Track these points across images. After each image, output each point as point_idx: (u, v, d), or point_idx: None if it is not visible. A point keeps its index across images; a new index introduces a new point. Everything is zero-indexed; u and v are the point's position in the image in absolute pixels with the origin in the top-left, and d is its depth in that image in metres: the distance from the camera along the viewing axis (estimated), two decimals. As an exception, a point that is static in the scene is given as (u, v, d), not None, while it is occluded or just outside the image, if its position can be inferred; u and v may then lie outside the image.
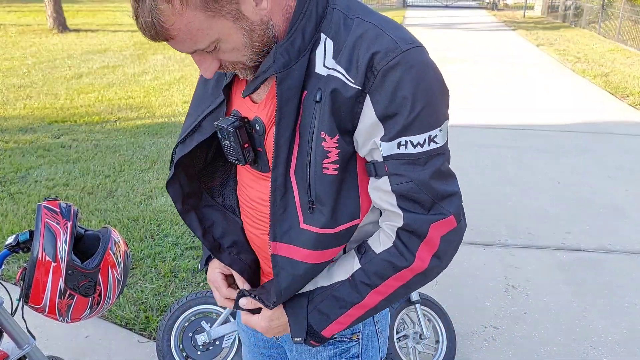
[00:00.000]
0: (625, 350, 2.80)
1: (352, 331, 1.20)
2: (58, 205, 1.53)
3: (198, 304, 2.46)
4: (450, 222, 0.99)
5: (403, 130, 0.94)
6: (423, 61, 0.94)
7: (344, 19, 0.97)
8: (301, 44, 0.96)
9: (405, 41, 0.94)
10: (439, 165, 0.97)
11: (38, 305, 1.48)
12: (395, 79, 0.92)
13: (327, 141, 0.96)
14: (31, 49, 11.52)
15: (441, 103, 0.97)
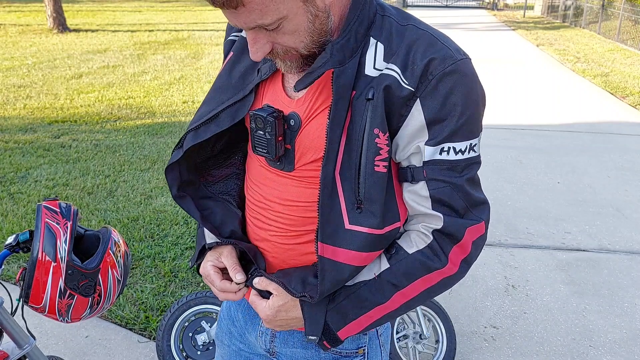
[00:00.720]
0: (625, 349, 2.80)
1: (358, 345, 1.19)
2: (58, 205, 1.53)
3: (198, 304, 2.46)
4: (481, 228, 1.03)
5: (449, 136, 0.97)
6: (473, 72, 1.00)
7: (396, 25, 1.01)
8: (355, 44, 0.99)
9: (459, 52, 0.99)
10: (474, 173, 1.01)
11: (38, 305, 1.49)
12: (449, 86, 0.96)
13: (380, 137, 0.97)
14: (31, 49, 11.52)
15: (482, 114, 1.03)
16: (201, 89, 8.28)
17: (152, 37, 13.74)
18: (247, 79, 1.09)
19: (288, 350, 1.21)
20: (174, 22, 17.26)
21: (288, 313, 1.09)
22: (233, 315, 1.33)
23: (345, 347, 1.18)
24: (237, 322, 1.31)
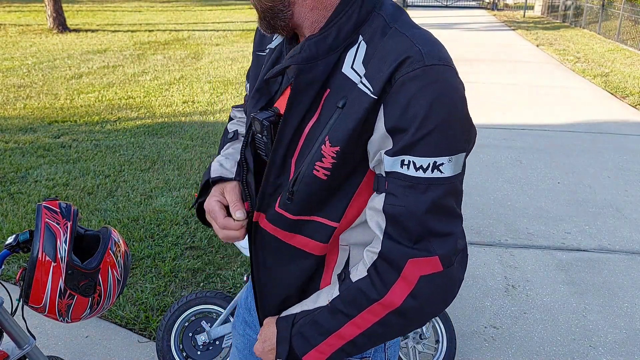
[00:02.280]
0: (625, 349, 2.80)
1: (362, 356, 1.15)
2: (58, 205, 1.53)
3: (198, 304, 2.46)
4: (433, 263, 0.91)
5: (407, 148, 0.89)
6: (447, 81, 0.90)
7: (383, 26, 0.95)
8: (334, 42, 0.95)
9: (432, 56, 0.90)
10: (439, 197, 0.90)
11: (38, 305, 1.49)
12: (411, 92, 0.88)
13: (326, 146, 0.95)
14: (31, 49, 11.52)
15: (458, 132, 0.91)
16: (201, 89, 8.28)
17: (152, 37, 13.74)
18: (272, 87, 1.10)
19: None
20: (174, 22, 17.26)
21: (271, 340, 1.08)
22: (250, 305, 1.33)
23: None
24: (253, 312, 1.31)
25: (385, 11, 0.97)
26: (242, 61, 10.76)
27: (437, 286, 0.93)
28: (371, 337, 0.98)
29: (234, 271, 3.37)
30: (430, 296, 0.93)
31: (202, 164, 5.18)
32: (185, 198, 4.40)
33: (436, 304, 0.95)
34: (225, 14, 20.45)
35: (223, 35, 14.34)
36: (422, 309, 0.94)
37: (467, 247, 0.99)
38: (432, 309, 0.95)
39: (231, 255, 3.56)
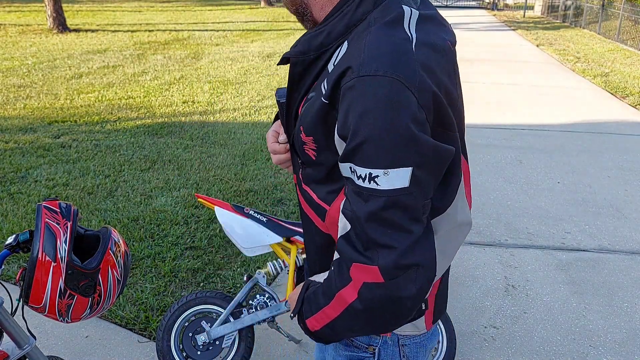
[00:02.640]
0: (625, 349, 2.80)
1: (369, 342, 1.17)
2: (58, 205, 1.53)
3: (198, 304, 2.46)
4: (373, 272, 0.91)
5: (349, 156, 0.91)
6: (378, 93, 0.87)
7: (366, 26, 0.96)
8: (324, 41, 1.00)
9: (368, 67, 0.88)
10: (378, 208, 0.90)
11: (38, 305, 1.49)
12: (347, 102, 0.90)
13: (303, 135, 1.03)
14: (31, 49, 11.52)
15: (391, 145, 0.88)
16: (201, 89, 8.28)
17: (152, 37, 13.74)
18: None
19: None
20: (174, 22, 17.26)
21: (296, 294, 1.18)
22: None
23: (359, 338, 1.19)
24: None
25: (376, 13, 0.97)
26: (242, 61, 10.76)
27: (377, 296, 0.93)
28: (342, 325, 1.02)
29: (234, 271, 3.37)
30: (373, 304, 0.94)
31: (202, 163, 5.19)
32: (185, 198, 4.40)
33: (381, 315, 0.95)
34: (225, 14, 20.46)
35: (223, 35, 14.34)
36: (370, 315, 0.96)
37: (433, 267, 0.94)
38: (380, 319, 0.96)
39: (231, 255, 3.56)
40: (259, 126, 6.49)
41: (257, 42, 13.39)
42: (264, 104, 7.56)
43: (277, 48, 12.51)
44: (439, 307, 1.21)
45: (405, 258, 0.91)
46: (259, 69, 10.05)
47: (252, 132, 6.24)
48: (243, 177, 4.87)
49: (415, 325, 1.16)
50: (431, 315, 1.18)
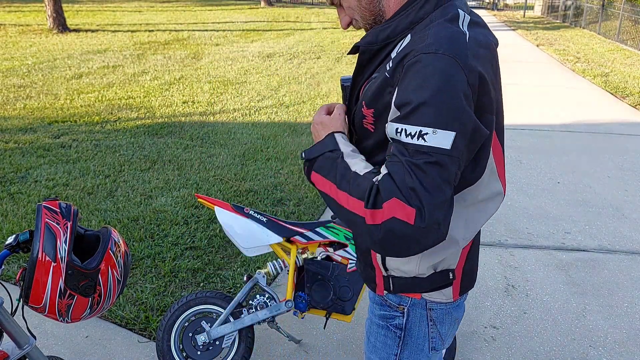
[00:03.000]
0: (625, 349, 2.80)
1: (399, 302, 1.35)
2: (58, 205, 1.53)
3: (198, 304, 2.46)
4: (409, 213, 1.03)
5: (403, 117, 1.08)
6: (438, 67, 1.06)
7: (428, 23, 1.16)
8: (390, 34, 1.21)
9: (431, 46, 1.08)
10: (421, 162, 1.05)
11: (38, 305, 1.49)
12: (409, 75, 1.08)
13: (365, 109, 1.22)
14: (31, 49, 11.52)
15: (444, 110, 1.05)
16: (201, 89, 8.28)
17: (152, 37, 13.75)
18: None
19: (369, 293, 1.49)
20: (174, 22, 17.27)
21: (321, 130, 1.31)
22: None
23: (390, 298, 1.37)
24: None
25: (437, 13, 1.17)
26: (242, 61, 10.76)
27: (399, 232, 1.05)
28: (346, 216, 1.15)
29: (234, 271, 3.37)
30: (391, 236, 1.06)
31: (202, 164, 5.19)
32: (185, 198, 4.40)
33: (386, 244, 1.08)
34: (225, 14, 20.46)
35: (223, 36, 14.34)
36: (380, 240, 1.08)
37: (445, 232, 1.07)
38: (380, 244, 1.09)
39: (231, 256, 3.56)
40: (259, 126, 6.49)
41: (257, 42, 13.39)
42: (264, 104, 7.56)
43: (277, 48, 12.51)
44: (466, 280, 1.36)
45: (435, 213, 1.04)
46: (259, 69, 10.06)
47: (252, 132, 6.24)
48: (243, 177, 4.87)
49: (443, 293, 1.33)
50: (458, 286, 1.34)
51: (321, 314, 2.45)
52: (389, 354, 1.41)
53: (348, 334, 2.88)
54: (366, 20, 1.27)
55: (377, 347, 1.43)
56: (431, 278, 1.30)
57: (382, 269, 1.35)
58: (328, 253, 2.49)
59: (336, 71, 9.98)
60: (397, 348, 1.39)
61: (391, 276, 1.34)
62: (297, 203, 4.37)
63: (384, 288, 1.36)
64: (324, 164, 1.24)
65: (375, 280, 1.38)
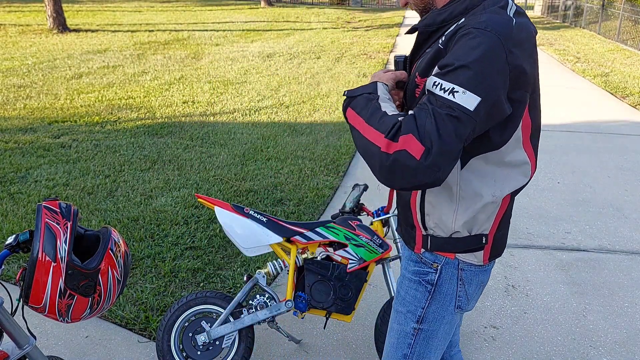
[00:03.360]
0: (625, 349, 2.80)
1: (434, 260, 1.50)
2: (58, 205, 1.53)
3: (198, 304, 2.46)
4: (418, 149, 1.17)
5: (442, 74, 1.24)
6: (484, 42, 1.22)
7: (482, 9, 1.33)
8: (446, 17, 1.38)
9: (482, 24, 1.25)
10: (444, 114, 1.19)
11: (38, 305, 1.49)
12: (459, 43, 1.25)
13: (418, 79, 1.39)
14: (31, 49, 11.52)
15: (478, 76, 1.20)
16: (201, 89, 8.28)
17: (152, 37, 13.75)
18: None
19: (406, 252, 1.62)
20: (174, 22, 17.27)
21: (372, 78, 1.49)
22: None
23: (426, 256, 1.51)
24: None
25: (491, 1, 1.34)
26: (242, 61, 10.76)
27: (405, 164, 1.18)
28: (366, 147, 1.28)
29: (234, 271, 3.37)
30: (396, 166, 1.20)
31: (202, 164, 5.19)
32: (185, 198, 4.40)
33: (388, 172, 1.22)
34: (225, 14, 20.46)
35: (223, 36, 14.35)
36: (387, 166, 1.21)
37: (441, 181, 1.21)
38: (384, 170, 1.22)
39: (231, 256, 3.56)
40: (259, 126, 6.49)
41: (257, 42, 13.40)
42: (264, 104, 7.56)
43: (277, 48, 12.51)
44: (497, 246, 1.51)
45: (439, 158, 1.17)
46: (259, 69, 10.06)
47: (252, 132, 6.24)
48: (243, 177, 4.87)
49: (475, 255, 1.48)
50: (489, 251, 1.49)
51: (321, 314, 2.45)
52: (416, 307, 1.54)
53: (348, 334, 2.88)
54: (417, 6, 1.49)
55: (407, 300, 1.57)
56: (466, 240, 1.45)
57: (421, 228, 1.50)
58: (328, 253, 2.49)
59: (336, 71, 9.98)
60: (425, 302, 1.53)
61: (430, 235, 1.49)
62: (297, 203, 4.37)
63: (422, 246, 1.51)
64: (360, 102, 1.39)
65: (415, 239, 1.53)
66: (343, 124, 6.63)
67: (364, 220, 4.01)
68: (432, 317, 1.54)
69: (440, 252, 1.49)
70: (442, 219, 1.45)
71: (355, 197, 2.67)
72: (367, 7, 25.25)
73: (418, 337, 1.56)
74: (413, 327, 1.56)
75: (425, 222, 1.49)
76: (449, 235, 1.46)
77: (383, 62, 10.92)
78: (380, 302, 3.14)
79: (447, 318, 1.55)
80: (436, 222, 1.47)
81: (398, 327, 1.60)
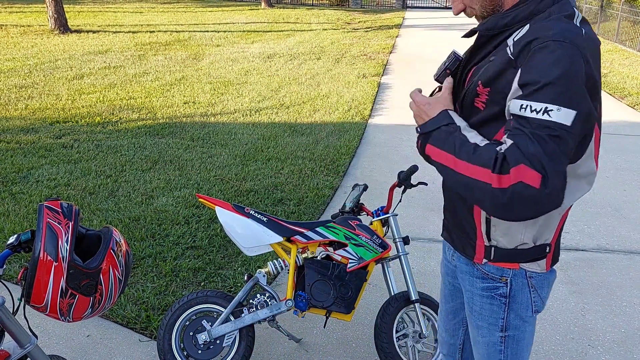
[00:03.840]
0: (624, 349, 2.81)
1: (502, 274, 1.49)
2: (59, 205, 1.55)
3: (199, 303, 2.48)
4: (535, 178, 1.17)
5: (529, 95, 1.21)
6: (565, 53, 1.20)
7: (547, 16, 1.31)
8: (509, 22, 1.35)
9: (559, 36, 1.23)
10: (545, 135, 1.19)
11: (39, 305, 1.50)
12: (537, 58, 1.22)
13: (480, 87, 1.35)
14: (32, 50, 11.54)
15: (569, 90, 1.19)
16: (202, 90, 8.30)
17: (153, 38, 13.76)
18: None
19: (458, 263, 1.62)
20: (175, 23, 17.28)
21: (430, 110, 1.42)
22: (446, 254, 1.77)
23: (492, 271, 1.50)
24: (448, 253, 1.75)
25: (556, 6, 1.33)
26: (243, 62, 10.77)
27: (525, 195, 1.18)
28: (465, 183, 1.28)
29: (235, 270, 3.39)
30: (516, 199, 1.19)
31: (202, 164, 5.20)
32: (186, 198, 4.41)
33: (510, 208, 1.21)
34: (226, 15, 20.48)
35: (223, 37, 14.36)
36: (505, 204, 1.21)
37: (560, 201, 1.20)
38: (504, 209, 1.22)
39: (232, 255, 3.57)
40: (260, 127, 6.51)
41: (258, 43, 13.41)
42: (265, 104, 7.58)
43: (277, 49, 12.52)
44: (556, 253, 1.52)
45: (555, 181, 1.18)
46: (260, 69, 10.07)
47: (252, 132, 6.25)
48: (243, 177, 4.89)
49: (538, 264, 1.48)
50: (550, 258, 1.50)
51: (321, 313, 2.46)
52: (496, 319, 1.55)
53: (348, 332, 2.89)
54: (485, 9, 1.40)
55: (484, 315, 1.57)
56: (530, 250, 1.45)
57: (484, 239, 1.48)
58: (328, 252, 2.50)
59: (336, 72, 9.99)
60: (503, 312, 1.54)
61: (493, 246, 1.47)
62: (298, 203, 4.39)
63: (484, 257, 1.50)
64: (439, 136, 1.37)
65: (475, 249, 1.51)
66: (343, 124, 6.64)
67: (364, 220, 4.02)
68: (514, 324, 1.55)
69: (503, 263, 1.48)
70: (511, 231, 1.43)
71: (355, 197, 2.69)
72: (367, 8, 25.25)
73: (507, 343, 1.58)
74: (499, 335, 1.57)
75: (490, 234, 1.47)
76: (514, 246, 1.45)
77: (383, 62, 10.93)
78: (379, 301, 3.16)
79: (528, 320, 1.56)
80: (503, 234, 1.45)
81: (484, 339, 1.60)
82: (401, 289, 2.65)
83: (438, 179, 5.00)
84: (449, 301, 1.82)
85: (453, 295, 1.79)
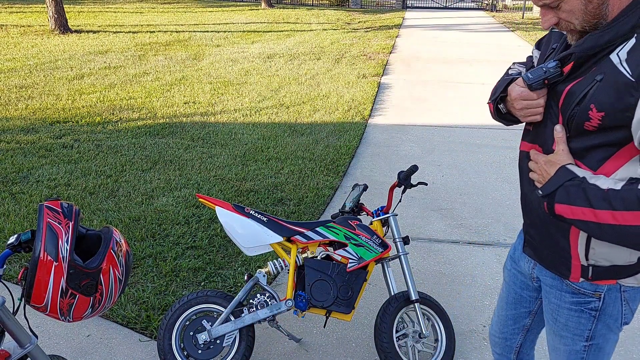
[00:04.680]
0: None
1: (595, 289, 1.45)
2: (60, 205, 1.55)
3: (199, 303, 2.48)
4: None
5: None
6: None
7: None
8: (611, 38, 1.26)
9: None
10: None
11: (40, 305, 1.50)
12: None
13: (593, 111, 1.26)
14: (33, 50, 11.54)
15: None
16: (202, 90, 8.30)
17: (153, 38, 13.77)
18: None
19: (542, 276, 1.59)
20: (175, 23, 17.29)
21: (550, 169, 1.36)
22: (516, 245, 1.76)
23: (585, 287, 1.47)
24: (517, 251, 1.74)
25: None
26: (243, 62, 10.78)
27: None
28: (617, 232, 1.22)
29: (235, 270, 3.39)
30: None
31: (203, 164, 5.20)
32: (187, 198, 4.42)
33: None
34: (226, 15, 20.48)
35: (224, 37, 14.36)
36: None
37: None
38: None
39: (232, 255, 3.58)
40: (260, 127, 6.51)
41: (258, 44, 13.41)
42: (265, 104, 7.58)
43: (277, 49, 12.52)
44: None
45: None
46: (260, 69, 10.07)
47: (252, 132, 6.26)
48: (244, 177, 4.89)
49: (636, 278, 1.44)
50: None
51: (321, 312, 2.46)
52: (582, 330, 1.53)
53: (348, 332, 2.89)
54: (587, 23, 1.30)
55: (570, 327, 1.54)
56: (630, 267, 1.41)
57: (582, 258, 1.43)
58: (328, 252, 2.50)
59: (336, 72, 10.00)
60: (591, 324, 1.51)
61: (591, 266, 1.43)
62: (298, 203, 4.39)
63: (581, 276, 1.46)
64: (567, 192, 1.30)
65: (571, 268, 1.46)
66: (343, 124, 6.64)
67: (364, 220, 4.02)
68: (600, 333, 1.52)
69: (601, 280, 1.44)
70: (614, 253, 1.40)
71: (355, 197, 2.69)
72: (366, 8, 25.25)
73: (589, 351, 1.56)
74: (583, 345, 1.55)
75: (588, 255, 1.43)
76: (618, 264, 1.41)
77: (382, 62, 10.93)
78: (379, 301, 3.16)
79: (614, 331, 1.54)
80: (605, 256, 1.41)
81: (566, 347, 1.59)
82: (401, 289, 2.65)
83: (438, 179, 5.01)
84: (511, 308, 1.82)
85: (517, 304, 1.79)
